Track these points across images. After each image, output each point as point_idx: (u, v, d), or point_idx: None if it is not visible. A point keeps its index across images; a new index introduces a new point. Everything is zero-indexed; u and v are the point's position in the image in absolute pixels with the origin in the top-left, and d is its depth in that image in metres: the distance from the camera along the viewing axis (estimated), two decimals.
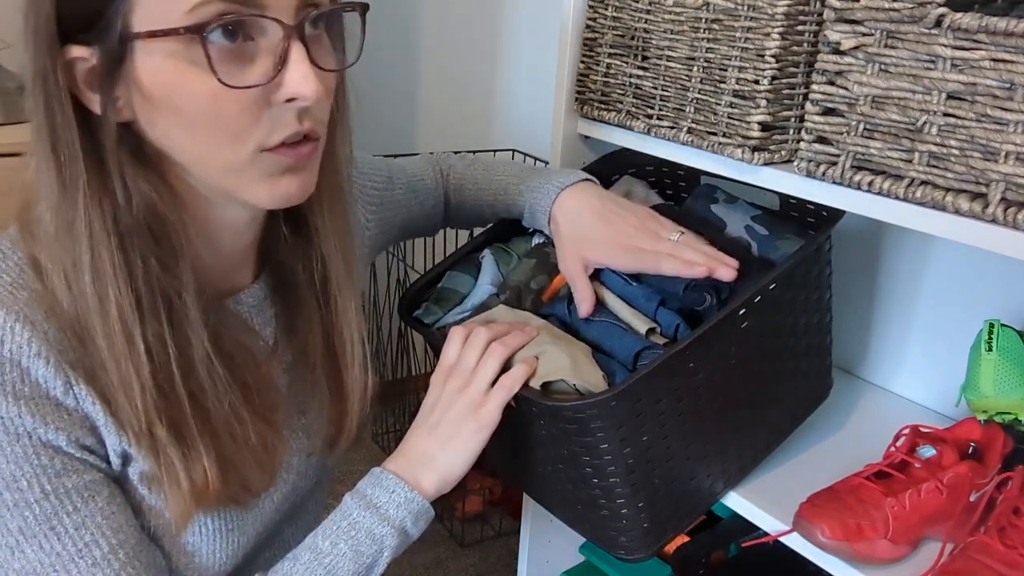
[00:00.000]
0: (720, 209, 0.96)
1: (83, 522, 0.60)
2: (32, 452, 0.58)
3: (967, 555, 0.74)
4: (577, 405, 0.74)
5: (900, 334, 1.10)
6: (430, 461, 0.74)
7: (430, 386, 0.78)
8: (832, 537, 0.77)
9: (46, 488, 0.59)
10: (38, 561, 0.59)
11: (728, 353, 0.81)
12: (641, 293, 0.83)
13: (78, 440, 0.60)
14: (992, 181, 0.64)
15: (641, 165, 1.07)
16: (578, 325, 0.83)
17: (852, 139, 0.72)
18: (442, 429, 0.74)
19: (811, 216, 0.94)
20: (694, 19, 0.84)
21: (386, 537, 0.70)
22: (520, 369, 0.75)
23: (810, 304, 0.89)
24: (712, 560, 1.15)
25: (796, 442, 0.96)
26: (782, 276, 0.82)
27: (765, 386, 0.88)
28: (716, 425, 0.83)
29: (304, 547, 0.70)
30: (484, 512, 2.01)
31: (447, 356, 0.78)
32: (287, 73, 0.57)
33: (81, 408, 0.60)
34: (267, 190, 0.61)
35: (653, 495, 0.81)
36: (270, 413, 0.69)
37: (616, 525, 0.83)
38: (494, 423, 0.74)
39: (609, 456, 0.77)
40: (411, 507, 0.71)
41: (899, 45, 0.68)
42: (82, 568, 0.60)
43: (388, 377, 2.37)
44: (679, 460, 0.82)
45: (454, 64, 2.36)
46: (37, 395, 0.58)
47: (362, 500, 0.71)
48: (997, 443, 0.86)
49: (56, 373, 0.58)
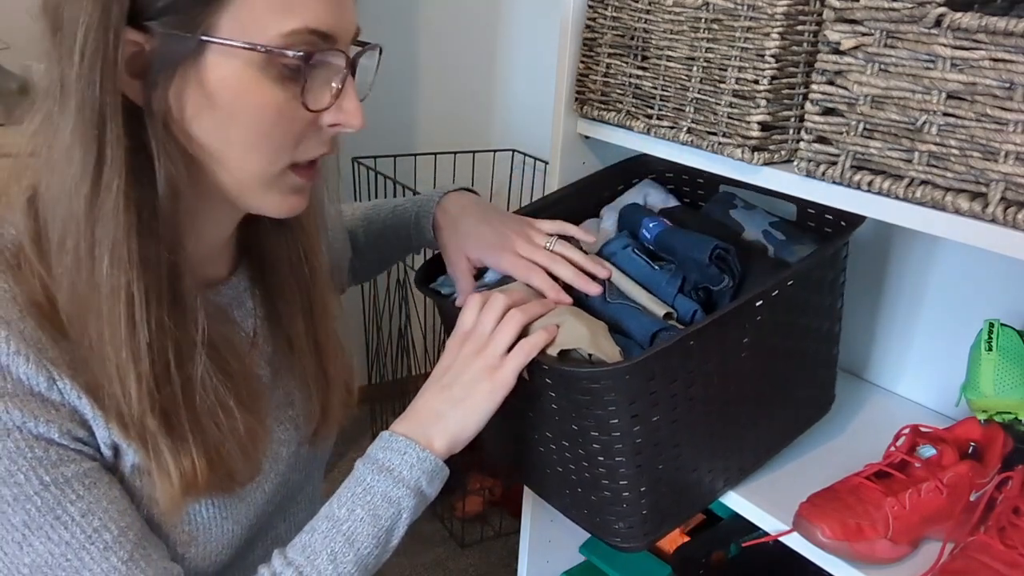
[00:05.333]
0: (738, 214, 0.97)
1: (89, 508, 0.60)
2: (25, 446, 0.58)
3: (967, 555, 0.74)
4: (594, 373, 0.74)
5: (902, 335, 1.10)
6: (441, 419, 0.73)
7: (445, 350, 0.78)
8: (832, 537, 0.77)
9: (44, 479, 0.59)
10: (48, 552, 0.59)
11: (741, 344, 0.81)
12: (664, 278, 0.84)
13: (70, 432, 0.60)
14: (992, 181, 0.64)
15: (660, 171, 1.08)
16: (596, 306, 0.84)
17: (852, 139, 0.72)
18: (456, 389, 0.74)
19: (828, 226, 0.95)
20: (694, 19, 0.84)
21: (403, 499, 0.70)
22: (540, 335, 0.75)
23: (823, 309, 0.90)
24: (712, 560, 1.15)
25: (797, 442, 0.96)
26: (800, 274, 0.83)
27: (772, 385, 0.88)
28: (723, 419, 0.84)
29: (321, 516, 0.70)
30: (484, 512, 2.01)
31: (464, 321, 0.78)
32: (344, 102, 0.63)
33: (68, 402, 0.60)
34: (278, 203, 0.66)
35: (656, 481, 0.81)
36: (252, 403, 0.69)
37: (615, 509, 0.83)
38: (509, 385, 0.74)
39: (618, 432, 0.77)
40: (424, 466, 0.71)
41: (899, 45, 0.68)
42: (94, 554, 0.60)
43: (388, 377, 2.37)
44: (685, 448, 0.82)
45: (454, 64, 2.36)
46: (21, 391, 0.58)
47: (374, 464, 0.71)
48: (997, 443, 0.86)
49: (38, 370, 0.58)
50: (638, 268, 0.86)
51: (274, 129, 0.61)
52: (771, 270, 0.85)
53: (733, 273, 0.84)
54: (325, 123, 0.63)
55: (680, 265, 0.85)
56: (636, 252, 0.88)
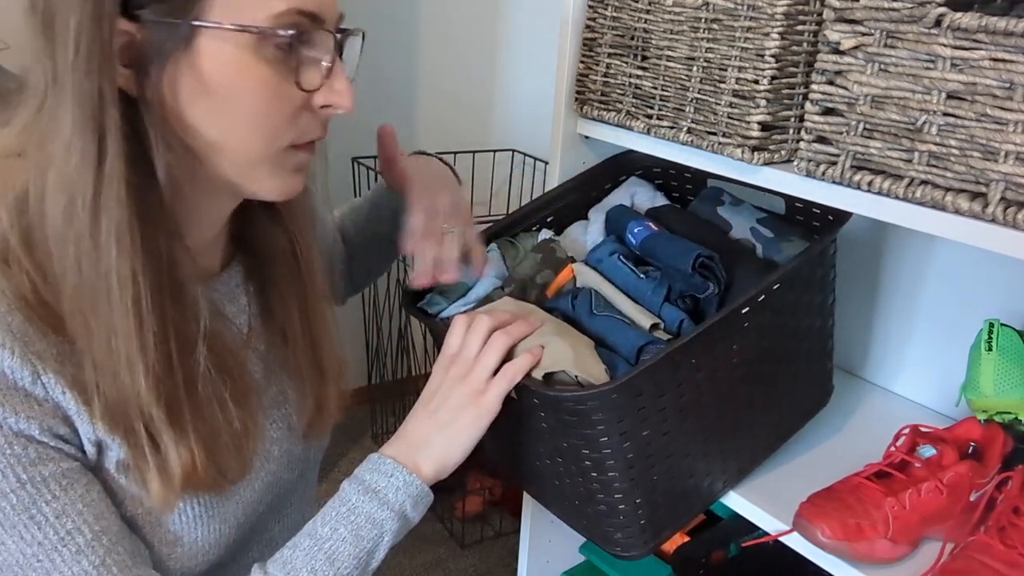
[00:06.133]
0: (726, 211, 0.97)
1: (63, 510, 0.60)
2: (4, 442, 0.58)
3: (967, 555, 0.74)
4: (579, 396, 0.74)
5: (901, 335, 1.10)
6: (428, 445, 0.74)
7: (432, 373, 0.78)
8: (832, 537, 0.77)
9: (22, 477, 0.58)
10: (20, 552, 0.59)
11: (730, 351, 0.81)
12: (650, 287, 0.84)
13: (51, 429, 0.60)
14: (992, 181, 0.64)
15: (647, 167, 1.08)
16: (582, 319, 0.84)
17: (852, 139, 0.72)
18: (442, 414, 0.74)
19: (816, 220, 0.95)
20: (694, 19, 0.84)
21: (386, 521, 0.70)
22: (524, 359, 0.75)
23: (813, 307, 0.90)
24: (712, 560, 1.15)
25: (796, 442, 0.96)
26: (786, 277, 0.82)
27: (766, 388, 0.88)
28: (717, 424, 0.84)
29: (304, 534, 0.70)
30: (484, 512, 2.01)
31: (450, 344, 0.78)
32: (334, 83, 0.63)
33: (51, 397, 0.60)
34: (279, 184, 0.66)
35: (651, 492, 0.81)
36: (243, 398, 0.69)
37: (613, 521, 0.83)
38: (494, 411, 0.74)
39: (609, 450, 0.77)
40: (410, 491, 0.71)
41: (899, 45, 0.68)
42: (66, 556, 0.60)
43: (388, 377, 2.37)
44: (679, 457, 0.82)
45: (454, 64, 2.36)
46: (4, 386, 0.57)
47: (360, 485, 0.71)
48: (997, 443, 0.86)
49: (23, 364, 0.58)
50: (624, 277, 0.86)
51: (270, 110, 0.61)
52: (758, 272, 0.84)
53: (719, 280, 0.83)
54: (317, 104, 0.64)
55: (665, 273, 0.85)
56: (622, 259, 0.87)
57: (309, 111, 0.64)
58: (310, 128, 0.65)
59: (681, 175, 1.08)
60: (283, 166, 0.65)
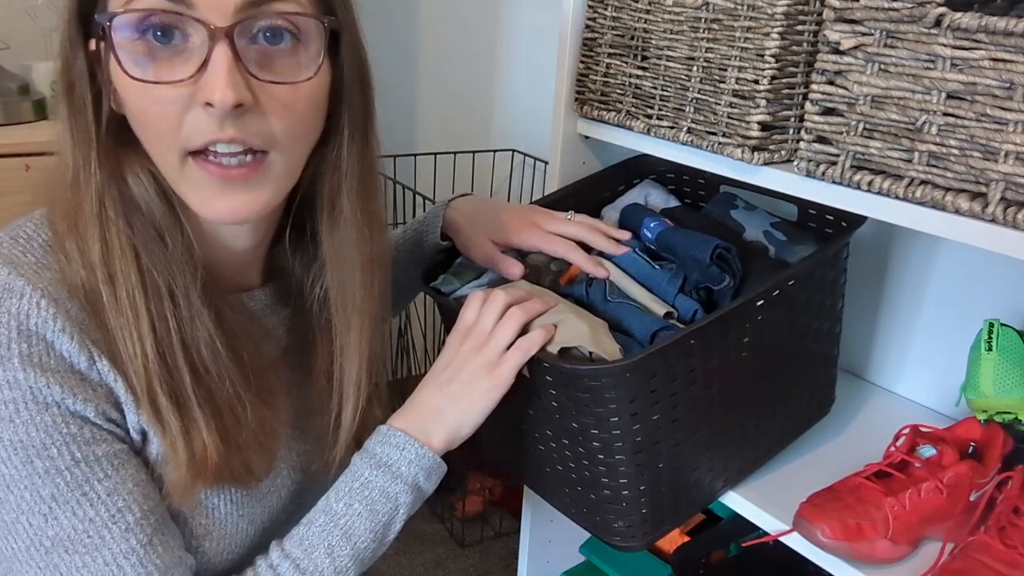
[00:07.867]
0: (739, 215, 0.97)
1: (115, 488, 0.61)
2: (61, 421, 0.59)
3: (967, 555, 0.74)
4: (594, 371, 0.73)
5: (902, 335, 1.10)
6: (439, 416, 0.73)
7: (445, 346, 0.78)
8: (832, 537, 0.77)
9: (76, 455, 0.60)
10: (72, 527, 0.60)
11: (742, 344, 0.81)
12: (665, 277, 0.84)
13: (104, 412, 0.61)
14: (992, 181, 0.64)
15: (661, 171, 1.08)
16: (596, 306, 0.84)
17: (852, 139, 0.72)
18: (454, 386, 0.74)
19: (828, 227, 0.95)
20: (694, 19, 0.84)
21: (401, 494, 0.70)
22: (539, 333, 0.75)
23: (823, 310, 0.90)
24: (712, 560, 1.15)
25: (796, 442, 0.96)
26: (801, 274, 0.83)
27: (772, 386, 0.88)
28: (723, 418, 0.84)
29: (318, 510, 0.70)
30: (484, 512, 2.01)
31: (464, 318, 0.77)
32: (205, 75, 0.56)
33: (105, 383, 0.61)
34: (202, 204, 0.61)
35: (656, 479, 0.81)
36: (269, 396, 0.69)
37: (615, 508, 0.83)
38: (508, 383, 0.74)
39: (618, 431, 0.77)
40: (423, 463, 0.71)
41: (899, 45, 0.68)
42: (115, 534, 0.61)
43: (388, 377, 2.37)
44: (685, 447, 0.82)
45: (454, 64, 2.36)
46: (63, 368, 0.59)
47: (372, 459, 0.71)
48: (997, 443, 0.86)
49: (80, 349, 0.59)
50: (639, 267, 0.87)
51: (145, 114, 0.58)
52: (772, 270, 0.85)
53: (734, 273, 0.84)
54: (199, 102, 0.56)
55: (681, 264, 0.85)
56: (637, 252, 0.88)
57: (196, 110, 0.57)
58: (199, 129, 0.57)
59: (695, 180, 1.09)
60: (198, 183, 0.60)
